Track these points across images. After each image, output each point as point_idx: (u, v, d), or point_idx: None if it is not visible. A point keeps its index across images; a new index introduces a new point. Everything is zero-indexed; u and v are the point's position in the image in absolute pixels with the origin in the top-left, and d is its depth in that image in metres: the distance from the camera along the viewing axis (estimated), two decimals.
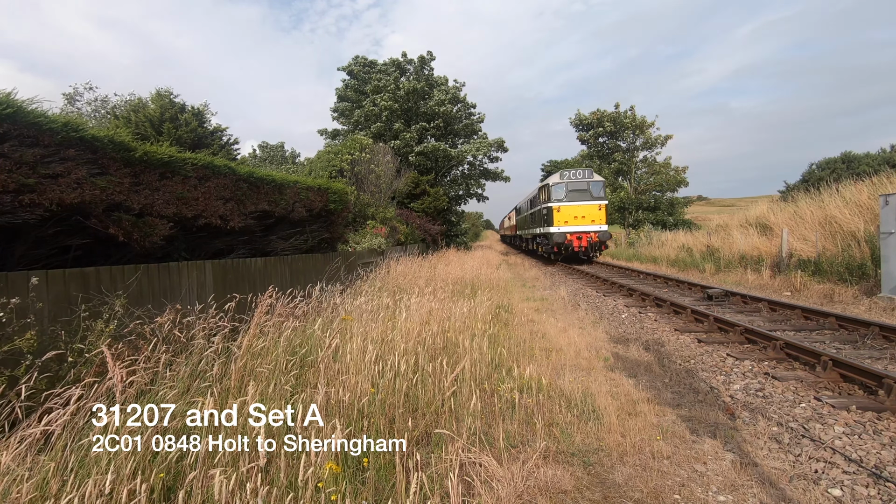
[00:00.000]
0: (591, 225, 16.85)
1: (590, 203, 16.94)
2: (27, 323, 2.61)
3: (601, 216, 16.94)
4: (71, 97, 17.57)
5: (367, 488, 2.23)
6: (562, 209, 16.94)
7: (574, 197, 17.06)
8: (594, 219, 16.87)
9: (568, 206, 16.94)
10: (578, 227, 16.83)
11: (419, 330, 4.02)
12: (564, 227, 16.83)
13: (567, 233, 16.69)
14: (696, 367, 4.87)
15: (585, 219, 16.89)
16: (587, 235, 16.77)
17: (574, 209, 16.90)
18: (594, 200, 17.02)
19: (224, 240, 5.44)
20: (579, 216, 16.87)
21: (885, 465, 2.80)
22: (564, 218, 16.87)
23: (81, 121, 3.99)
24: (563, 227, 16.83)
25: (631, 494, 2.50)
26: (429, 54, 26.44)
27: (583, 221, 16.89)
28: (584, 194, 17.11)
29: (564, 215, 16.89)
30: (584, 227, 16.89)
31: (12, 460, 1.90)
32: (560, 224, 16.90)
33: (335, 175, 15.52)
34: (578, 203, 16.96)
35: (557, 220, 16.93)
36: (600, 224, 16.91)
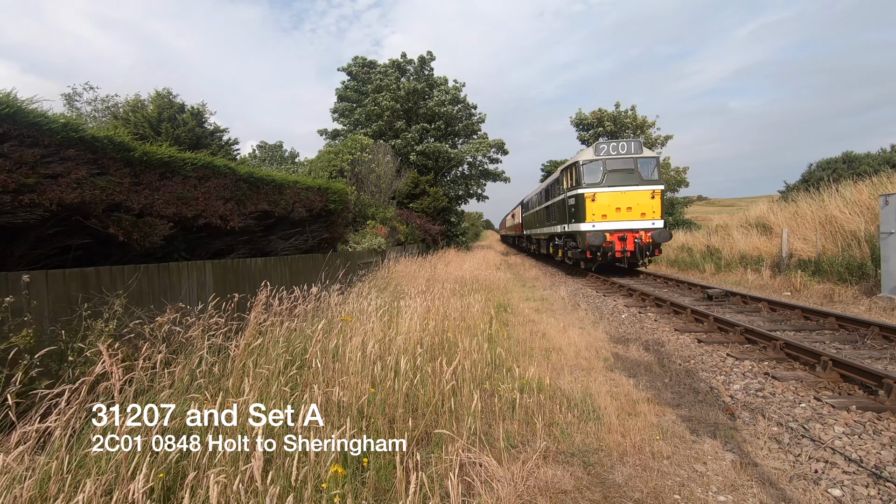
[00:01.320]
0: (640, 220, 11.86)
1: (639, 188, 11.91)
2: (23, 321, 2.61)
3: (655, 207, 11.88)
4: (70, 97, 17.58)
5: (368, 488, 2.23)
6: (598, 197, 11.98)
7: (615, 180, 12.05)
8: (645, 211, 11.84)
9: (607, 192, 12.00)
10: (622, 223, 11.93)
11: (419, 330, 4.02)
12: (602, 223, 11.95)
13: (606, 231, 11.82)
14: (696, 367, 4.87)
15: (632, 211, 11.89)
16: (634, 235, 11.88)
17: (616, 197, 11.98)
18: (645, 185, 11.93)
19: (224, 240, 5.43)
20: (623, 207, 11.91)
21: (885, 465, 2.80)
22: (602, 210, 11.97)
23: (81, 121, 4.00)
24: (599, 223, 11.97)
25: (631, 494, 2.50)
26: (429, 54, 26.46)
27: (628, 215, 11.91)
28: (629, 176, 12.05)
29: (601, 206, 11.99)
30: (630, 224, 11.93)
31: (12, 460, 1.90)
32: (595, 219, 12.00)
33: (335, 175, 15.52)
34: (622, 188, 11.98)
35: (591, 214, 12.04)
36: (654, 219, 11.85)
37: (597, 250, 12.11)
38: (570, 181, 13.32)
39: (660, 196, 12.07)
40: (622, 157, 12.23)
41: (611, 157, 12.24)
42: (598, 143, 12.51)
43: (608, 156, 12.25)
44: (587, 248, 12.08)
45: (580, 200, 12.33)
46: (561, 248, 15.43)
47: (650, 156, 12.36)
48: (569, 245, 14.08)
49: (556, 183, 15.51)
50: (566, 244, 14.46)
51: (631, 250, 11.91)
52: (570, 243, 13.95)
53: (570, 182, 13.31)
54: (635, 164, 12.20)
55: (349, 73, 27.79)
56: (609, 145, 12.35)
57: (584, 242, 12.09)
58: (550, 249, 17.54)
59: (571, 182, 13.20)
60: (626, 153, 12.23)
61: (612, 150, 12.28)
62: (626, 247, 11.93)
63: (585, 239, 11.94)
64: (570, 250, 13.86)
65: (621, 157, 12.23)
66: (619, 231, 11.96)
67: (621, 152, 12.23)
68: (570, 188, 13.30)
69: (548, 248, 18.33)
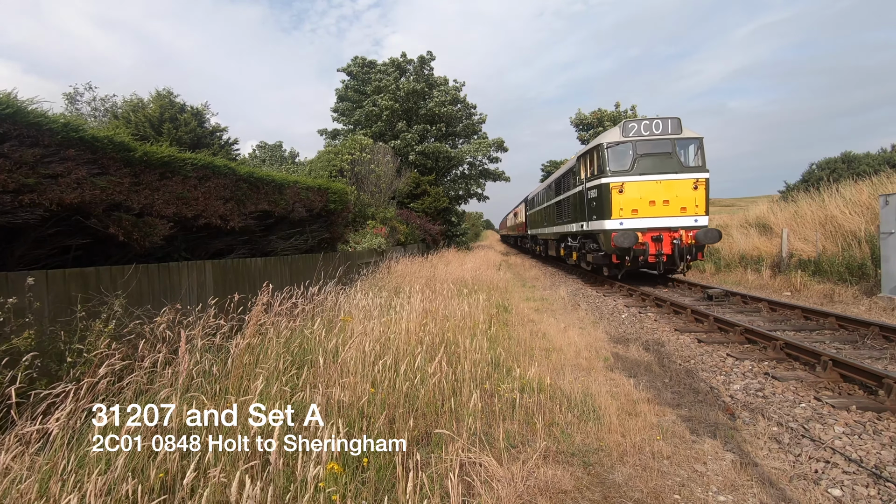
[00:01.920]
0: (679, 216, 9.76)
1: (678, 177, 9.78)
2: (25, 322, 2.61)
3: (699, 200, 9.77)
4: (71, 97, 17.60)
5: (367, 488, 2.23)
6: (627, 188, 9.81)
7: (648, 166, 9.87)
8: (685, 205, 9.76)
9: (638, 181, 9.81)
10: (657, 219, 9.79)
11: (419, 330, 4.02)
12: (632, 219, 9.82)
13: (637, 230, 9.69)
14: (696, 367, 4.87)
15: (670, 205, 9.75)
16: (672, 235, 9.73)
17: (649, 188, 9.79)
18: (686, 173, 9.79)
19: (224, 240, 5.44)
20: (658, 200, 9.77)
21: (885, 465, 2.80)
22: (631, 204, 9.82)
23: (81, 121, 4.00)
24: (629, 219, 9.82)
25: (631, 494, 2.50)
26: (429, 54, 26.47)
27: (665, 210, 9.78)
28: (666, 161, 9.86)
29: (631, 199, 9.82)
30: (667, 221, 9.77)
31: (11, 460, 1.90)
32: (623, 215, 9.83)
33: (335, 175, 15.53)
34: (657, 177, 9.79)
35: (618, 209, 9.85)
36: (697, 214, 9.75)
37: (625, 253, 9.88)
38: (591, 169, 10.95)
39: (704, 186, 9.78)
40: (657, 137, 9.92)
41: (642, 139, 9.92)
42: (626, 122, 10.17)
43: (639, 136, 9.94)
44: (613, 250, 9.96)
45: (604, 192, 10.05)
46: (576, 251, 13.05)
47: (692, 136, 9.98)
48: (588, 247, 11.76)
49: (571, 173, 13.02)
50: (584, 246, 12.20)
51: (667, 253, 9.72)
52: (589, 245, 11.66)
53: (591, 170, 10.94)
54: (673, 147, 9.86)
55: (349, 74, 27.80)
56: (640, 124, 10.03)
57: (608, 244, 9.94)
58: (562, 251, 15.23)
59: (592, 170, 10.85)
60: (662, 133, 9.91)
61: (643, 130, 9.97)
62: (662, 249, 9.73)
63: (611, 240, 9.78)
64: (590, 253, 11.45)
65: (656, 137, 9.92)
66: (654, 230, 9.78)
67: (655, 132, 9.93)
68: (590, 177, 10.95)
69: (558, 249, 16.00)
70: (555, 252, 16.83)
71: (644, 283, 11.18)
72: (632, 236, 9.55)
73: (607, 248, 10.17)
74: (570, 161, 13.60)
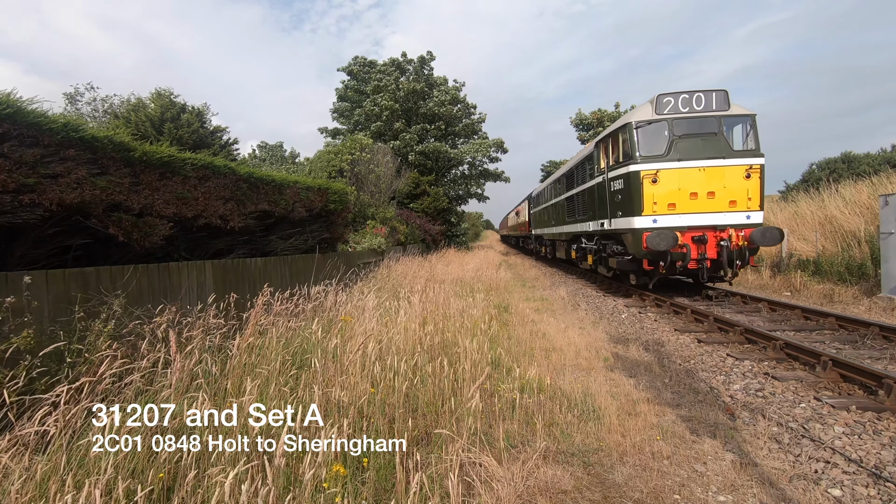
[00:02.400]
0: (729, 211, 7.91)
1: (726, 163, 7.88)
2: (24, 322, 2.62)
3: (752, 192, 7.91)
4: (71, 97, 17.61)
5: (367, 488, 2.23)
6: (663, 177, 7.91)
7: (688, 150, 7.95)
8: (736, 198, 7.91)
9: (677, 169, 7.91)
10: (700, 215, 7.93)
11: (419, 330, 4.02)
12: (668, 216, 7.95)
13: (677, 229, 7.82)
14: (696, 367, 4.87)
15: (716, 198, 7.92)
16: (719, 235, 7.90)
17: (691, 177, 7.91)
18: (736, 158, 7.92)
19: (224, 240, 5.44)
20: (702, 192, 7.91)
21: (885, 465, 2.80)
22: (668, 196, 7.95)
23: (81, 121, 4.00)
24: (664, 216, 7.95)
25: (631, 494, 2.50)
26: (429, 54, 26.49)
27: (710, 204, 7.93)
28: (711, 144, 7.99)
29: (668, 191, 7.94)
30: (713, 218, 7.93)
31: (10, 460, 1.90)
32: (658, 210, 7.96)
33: (335, 175, 15.54)
34: (700, 163, 7.89)
35: (651, 203, 7.98)
36: (750, 209, 7.92)
37: (660, 258, 7.91)
38: (614, 155, 9.04)
39: (759, 174, 7.87)
40: (699, 115, 8.06)
41: (681, 116, 8.04)
42: (659, 96, 8.16)
43: (676, 113, 8.05)
44: (644, 254, 8.02)
45: (633, 183, 8.12)
46: (592, 254, 11.05)
47: (742, 113, 8.13)
48: (609, 249, 9.68)
49: (586, 163, 10.97)
50: (603, 248, 10.16)
51: (712, 258, 7.86)
52: (611, 247, 9.62)
53: (614, 156, 9.04)
54: (720, 126, 8.02)
55: (349, 73, 27.82)
56: (678, 98, 8.08)
57: (638, 246, 8.06)
58: (573, 254, 13.18)
59: (616, 156, 8.92)
60: (705, 109, 8.06)
61: (681, 106, 8.06)
62: (706, 252, 7.82)
63: (641, 241, 7.91)
64: (613, 257, 9.38)
65: (697, 115, 8.06)
66: (696, 228, 7.89)
67: (696, 108, 8.05)
68: (613, 166, 9.03)
69: (568, 252, 13.95)
70: (564, 254, 14.85)
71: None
72: (670, 237, 7.58)
73: (636, 250, 8.26)
74: (586, 148, 11.35)
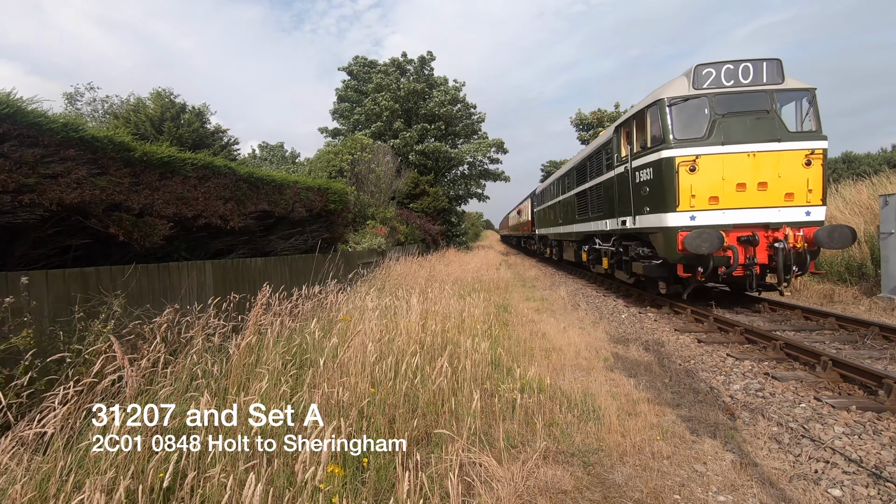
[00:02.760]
0: (784, 206, 6.67)
1: (781, 147, 6.63)
2: (23, 321, 2.62)
3: (813, 182, 6.65)
4: (71, 97, 17.62)
5: (367, 488, 2.23)
6: (704, 165, 6.67)
7: (734, 132, 6.69)
8: (793, 190, 6.66)
9: (719, 154, 6.66)
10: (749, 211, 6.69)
11: (419, 330, 4.02)
12: (710, 211, 6.70)
13: (721, 228, 6.58)
14: (696, 368, 4.87)
15: (768, 190, 6.68)
16: (773, 234, 6.64)
17: (737, 164, 6.66)
18: (793, 141, 6.66)
19: (224, 240, 5.44)
20: (751, 182, 6.68)
21: (885, 465, 2.80)
22: (709, 189, 6.71)
23: (81, 121, 4.00)
24: (704, 211, 6.70)
25: (631, 494, 2.50)
26: (429, 54, 26.50)
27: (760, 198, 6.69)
28: (762, 124, 6.68)
29: (710, 180, 6.70)
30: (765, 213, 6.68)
31: (10, 459, 1.90)
32: (696, 205, 6.71)
33: (335, 175, 15.55)
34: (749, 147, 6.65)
35: (689, 196, 6.71)
36: (811, 203, 6.66)
37: (699, 263, 6.50)
38: (640, 140, 7.62)
39: (821, 161, 6.55)
40: (746, 89, 6.65)
41: (725, 91, 6.65)
42: (697, 67, 6.72)
43: (719, 88, 6.67)
44: (679, 257, 6.65)
45: (665, 171, 6.74)
46: (608, 256, 9.62)
47: (799, 87, 6.71)
48: (632, 251, 8.16)
49: (602, 152, 9.52)
50: (625, 250, 8.67)
51: (762, 263, 6.50)
52: (634, 249, 8.06)
53: (640, 141, 7.61)
54: (772, 102, 6.60)
55: (349, 73, 27.83)
56: (720, 70, 6.66)
57: (671, 248, 6.71)
58: (584, 256, 11.73)
59: (643, 140, 7.48)
60: (754, 82, 6.65)
61: (725, 79, 6.67)
62: (756, 256, 6.50)
63: (675, 242, 6.59)
64: (637, 261, 7.91)
65: (745, 89, 6.65)
66: (744, 227, 6.55)
67: (743, 81, 6.66)
68: (638, 153, 7.54)
69: (577, 253, 12.52)
70: (573, 256, 13.40)
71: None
72: (714, 238, 6.18)
73: (668, 253, 6.85)
74: (602, 136, 9.91)
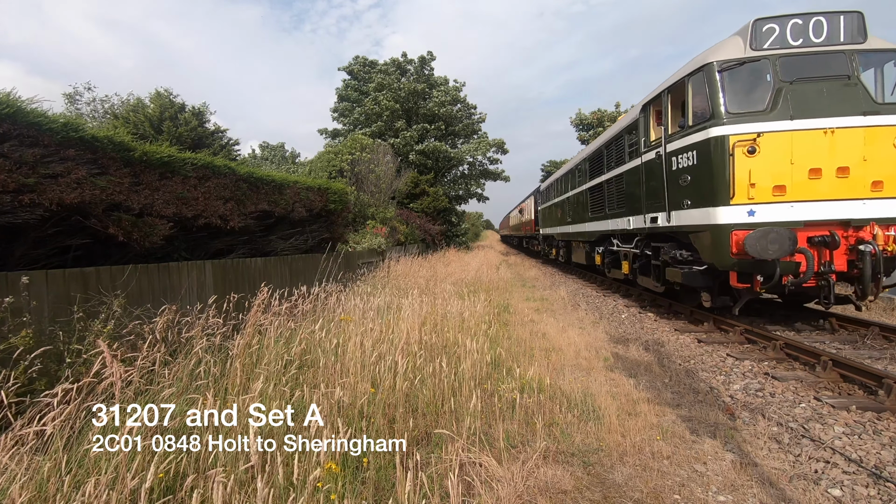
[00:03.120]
0: (871, 198, 4.94)
1: (868, 121, 4.88)
2: (23, 321, 2.62)
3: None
4: (71, 97, 17.61)
5: (367, 488, 2.23)
6: (767, 144, 4.99)
7: (807, 102, 5.01)
8: (883, 176, 4.92)
9: (788, 131, 4.97)
10: (825, 204, 5.00)
11: (419, 330, 4.02)
12: (774, 205, 5.06)
13: (791, 225, 4.95)
14: (696, 367, 4.87)
15: (851, 176, 4.93)
16: (855, 235, 4.95)
17: (810, 144, 4.96)
18: (883, 115, 4.92)
19: (224, 240, 5.44)
20: (828, 167, 4.95)
21: (885, 465, 2.80)
22: (775, 174, 5.04)
23: (81, 121, 4.01)
24: (766, 204, 5.07)
25: (631, 494, 2.50)
26: (429, 54, 26.49)
27: (841, 186, 4.97)
28: (841, 92, 4.99)
29: (775, 165, 5.03)
30: (845, 207, 4.99)
31: (9, 459, 1.90)
32: (756, 196, 5.08)
33: (335, 175, 15.55)
34: (825, 122, 4.92)
35: (745, 183, 5.07)
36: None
37: (762, 270, 5.10)
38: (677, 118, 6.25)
39: None
40: (820, 48, 5.27)
41: (792, 52, 5.28)
42: (757, 22, 5.38)
43: (784, 48, 5.30)
44: (732, 263, 5.27)
45: (714, 154, 5.31)
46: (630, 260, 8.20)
47: (887, 47, 5.29)
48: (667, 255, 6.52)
49: (625, 137, 7.89)
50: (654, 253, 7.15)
51: (841, 270, 5.05)
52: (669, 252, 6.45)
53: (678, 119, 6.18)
54: (852, 66, 5.16)
55: (350, 73, 27.83)
56: (786, 26, 5.31)
57: (722, 250, 5.28)
58: (597, 259, 10.33)
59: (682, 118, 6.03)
60: (828, 40, 5.27)
61: (791, 37, 5.31)
62: (832, 262, 5.04)
63: (728, 243, 5.20)
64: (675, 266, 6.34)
65: (818, 48, 5.27)
66: (819, 225, 5.10)
67: (815, 40, 5.28)
68: (676, 133, 6.00)
69: (590, 256, 11.11)
70: (584, 259, 11.81)
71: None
72: (786, 239, 4.78)
73: (717, 257, 5.35)
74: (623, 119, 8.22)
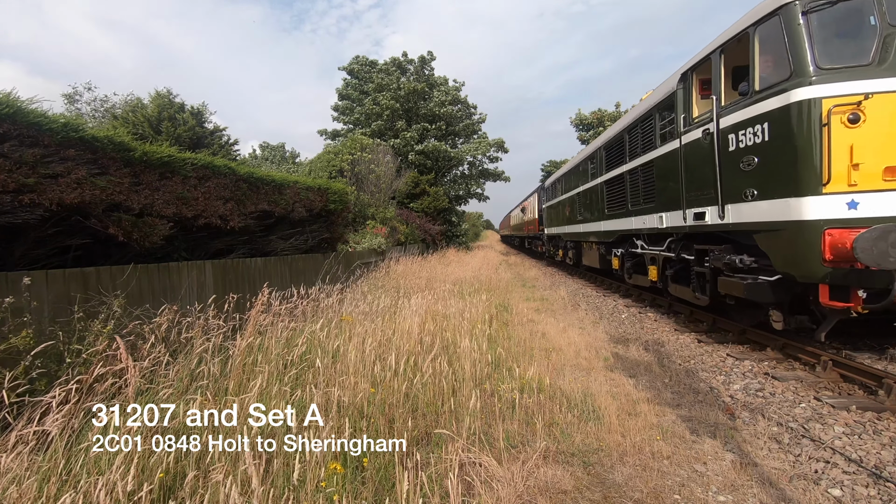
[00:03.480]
0: None
1: None
2: (23, 322, 2.62)
3: None
4: (70, 97, 17.61)
5: (367, 488, 2.23)
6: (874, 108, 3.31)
7: None
8: None
9: None
10: None
11: (419, 330, 4.02)
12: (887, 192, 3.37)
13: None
14: (696, 367, 4.87)
15: None
16: None
17: None
18: None
19: (224, 240, 5.44)
20: None
21: (885, 465, 2.80)
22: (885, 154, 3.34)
23: (81, 121, 4.01)
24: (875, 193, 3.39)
25: (631, 494, 2.50)
26: (429, 54, 26.48)
27: None
28: None
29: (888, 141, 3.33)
30: None
31: (11, 461, 1.90)
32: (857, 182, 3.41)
33: (335, 175, 15.54)
34: None
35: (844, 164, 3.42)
36: None
37: (869, 282, 3.63)
38: (734, 83, 5.10)
39: None
40: None
41: None
42: None
43: None
44: (824, 274, 3.79)
45: (797, 126, 3.80)
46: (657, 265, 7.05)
47: None
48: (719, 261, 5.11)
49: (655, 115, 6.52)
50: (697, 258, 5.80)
51: None
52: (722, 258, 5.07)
53: (736, 85, 4.90)
54: None
55: (350, 73, 27.84)
56: None
57: (808, 258, 3.85)
58: (615, 262, 9.24)
59: (745, 82, 4.50)
60: None
61: None
62: None
63: (819, 245, 3.76)
64: (731, 276, 4.97)
65: None
66: None
67: None
68: (734, 103, 4.66)
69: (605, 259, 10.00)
70: (597, 262, 10.58)
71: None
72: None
73: (800, 265, 4.04)
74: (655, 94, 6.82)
